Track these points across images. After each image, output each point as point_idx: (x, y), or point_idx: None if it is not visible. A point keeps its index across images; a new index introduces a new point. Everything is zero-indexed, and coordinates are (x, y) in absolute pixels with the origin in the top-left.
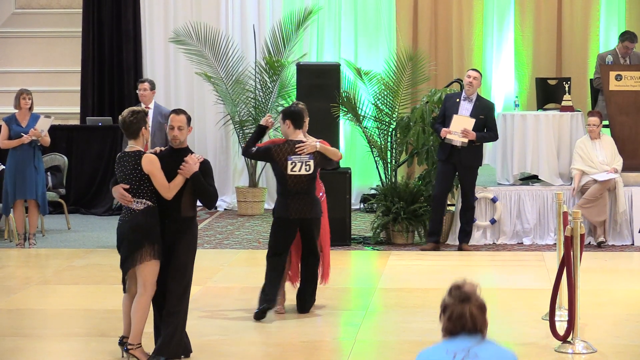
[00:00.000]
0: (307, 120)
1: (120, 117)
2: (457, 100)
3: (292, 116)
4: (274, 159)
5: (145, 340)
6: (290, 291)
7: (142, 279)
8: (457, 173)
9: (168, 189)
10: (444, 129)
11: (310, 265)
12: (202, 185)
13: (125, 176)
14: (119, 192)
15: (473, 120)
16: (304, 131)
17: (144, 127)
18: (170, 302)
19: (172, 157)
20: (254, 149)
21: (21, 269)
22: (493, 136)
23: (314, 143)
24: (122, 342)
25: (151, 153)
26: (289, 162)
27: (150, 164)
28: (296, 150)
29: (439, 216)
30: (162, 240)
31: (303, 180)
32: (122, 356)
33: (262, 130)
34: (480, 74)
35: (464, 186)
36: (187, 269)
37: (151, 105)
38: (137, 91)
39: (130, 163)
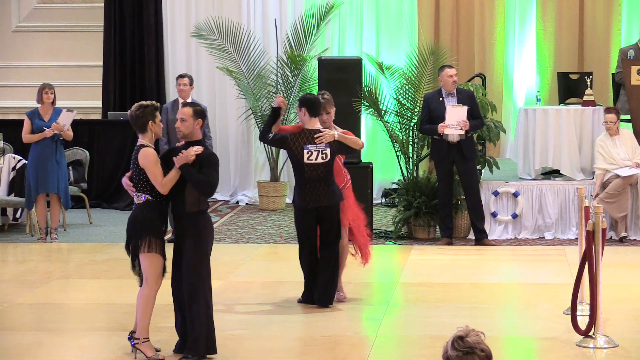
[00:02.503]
0: (332, 110)
1: (129, 112)
2: (440, 99)
3: (307, 104)
4: (290, 147)
5: (166, 335)
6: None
7: (143, 272)
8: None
9: (161, 184)
10: (440, 124)
11: (325, 256)
12: (190, 174)
13: (131, 169)
14: (124, 181)
15: (466, 108)
16: (330, 121)
17: (151, 121)
18: (189, 301)
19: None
20: (271, 135)
21: (43, 264)
22: (480, 124)
23: (333, 132)
24: (132, 337)
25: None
26: (305, 151)
27: (144, 158)
28: (315, 140)
29: (447, 213)
30: (175, 237)
31: (320, 167)
32: (132, 351)
33: (276, 113)
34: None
35: (467, 181)
36: (197, 267)
37: (189, 100)
38: (177, 86)
39: (134, 156)
